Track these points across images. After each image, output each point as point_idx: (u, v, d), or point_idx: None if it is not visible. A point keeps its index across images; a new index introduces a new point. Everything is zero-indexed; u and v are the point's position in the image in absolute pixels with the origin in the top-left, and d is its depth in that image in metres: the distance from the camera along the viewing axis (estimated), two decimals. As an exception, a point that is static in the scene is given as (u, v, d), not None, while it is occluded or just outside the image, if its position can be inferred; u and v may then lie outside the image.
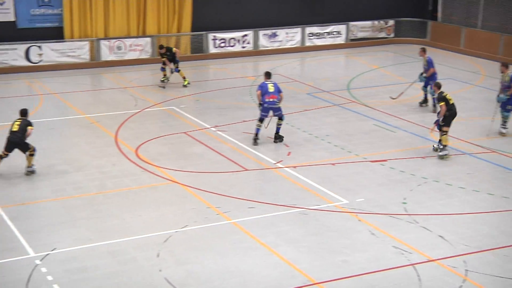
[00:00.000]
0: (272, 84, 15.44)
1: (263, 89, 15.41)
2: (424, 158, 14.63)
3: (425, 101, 18.62)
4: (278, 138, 15.67)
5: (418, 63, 24.17)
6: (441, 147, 14.53)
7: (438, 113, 14.53)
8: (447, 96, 14.42)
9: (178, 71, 20.56)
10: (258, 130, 15.47)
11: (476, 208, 12.07)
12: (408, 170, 13.94)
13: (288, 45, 26.30)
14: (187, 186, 13.09)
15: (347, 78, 22.13)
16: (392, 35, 27.76)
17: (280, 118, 15.55)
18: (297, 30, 26.37)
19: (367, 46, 27.12)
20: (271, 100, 15.32)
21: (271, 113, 15.50)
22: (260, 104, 15.41)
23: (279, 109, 15.44)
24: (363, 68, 23.59)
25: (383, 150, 15.19)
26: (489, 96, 19.31)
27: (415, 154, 14.87)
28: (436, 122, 14.50)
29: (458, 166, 14.13)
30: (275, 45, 26.05)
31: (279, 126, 15.63)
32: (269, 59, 24.92)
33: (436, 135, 15.82)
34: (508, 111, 16.12)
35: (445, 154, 14.38)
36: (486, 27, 25.47)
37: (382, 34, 27.66)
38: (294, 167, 14.13)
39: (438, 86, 14.93)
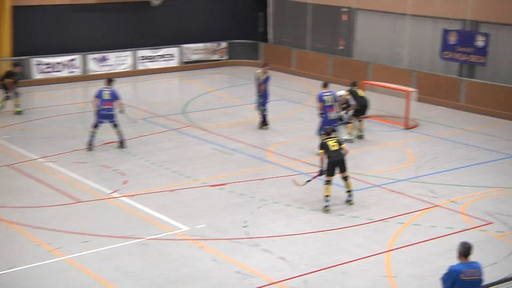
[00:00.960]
0: (108, 92, 15.74)
1: (99, 96, 15.97)
2: (262, 180, 14.96)
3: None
4: (121, 145, 16.39)
5: (252, 85, 24.89)
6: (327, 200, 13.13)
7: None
8: (329, 143, 13.11)
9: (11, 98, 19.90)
10: (92, 137, 15.97)
11: (316, 227, 12.52)
12: (248, 192, 14.17)
13: (120, 69, 25.92)
14: (13, 223, 12.31)
15: (182, 102, 22.19)
16: (225, 57, 28.33)
17: (115, 125, 16.10)
18: (128, 54, 26.08)
19: (201, 69, 27.43)
20: (106, 107, 15.85)
21: (106, 120, 16.14)
22: (98, 111, 15.95)
23: (113, 116, 16.04)
24: (198, 91, 23.78)
25: (222, 173, 15.34)
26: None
27: (254, 176, 15.17)
28: (320, 173, 13.24)
29: (296, 186, 14.61)
30: (106, 69, 25.56)
31: (118, 134, 16.40)
32: (99, 84, 24.31)
33: (273, 157, 16.29)
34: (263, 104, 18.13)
35: (326, 206, 13.11)
36: (315, 48, 26.87)
37: (216, 56, 28.15)
38: (131, 196, 13.83)
39: (327, 132, 13.41)
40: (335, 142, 13.22)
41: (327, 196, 13.15)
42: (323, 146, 13.12)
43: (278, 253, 11.42)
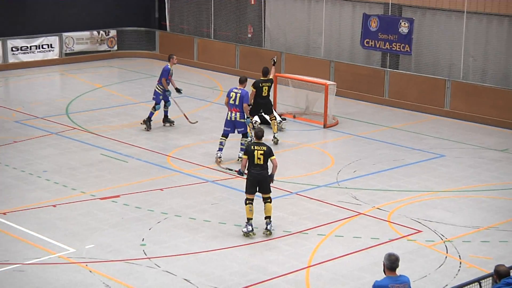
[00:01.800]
0: None
1: None
2: (162, 190, 14.89)
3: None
4: None
5: (148, 79, 24.73)
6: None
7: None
8: (256, 152, 12.60)
9: None
10: None
11: (225, 242, 12.57)
12: (145, 205, 14.06)
13: (-14, 62, 25.15)
14: None
15: (65, 101, 21.78)
16: (115, 47, 28.02)
17: None
18: (-3, 44, 25.34)
19: (86, 62, 27.01)
20: None
21: None
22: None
23: None
24: (84, 88, 23.43)
25: (114, 184, 15.16)
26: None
27: (152, 186, 15.08)
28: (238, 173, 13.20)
29: (202, 196, 14.63)
30: (-31, 63, 24.73)
31: None
32: (-37, 80, 23.55)
33: (175, 163, 16.26)
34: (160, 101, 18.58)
35: (247, 232, 12.71)
36: (220, 37, 26.99)
37: (104, 47, 27.79)
38: (4, 213, 13.45)
39: (257, 135, 12.79)
40: (262, 152, 12.54)
41: (249, 219, 12.72)
42: (248, 152, 12.58)
43: (182, 275, 11.39)
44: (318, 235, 12.96)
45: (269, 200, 12.80)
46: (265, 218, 12.88)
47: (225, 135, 16.47)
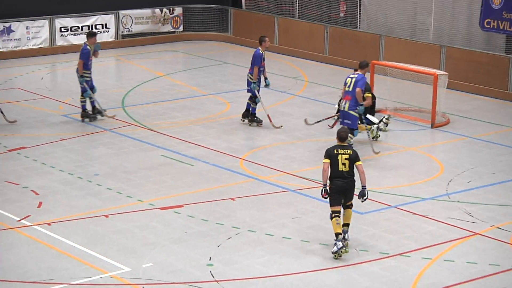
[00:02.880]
0: None
1: None
2: (234, 200, 14.97)
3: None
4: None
5: (219, 67, 24.92)
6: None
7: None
8: (340, 156, 12.67)
9: None
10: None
11: (308, 265, 12.55)
12: (213, 217, 14.17)
13: (31, 45, 25.75)
14: None
15: (120, 92, 22.15)
16: (180, 28, 28.36)
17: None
18: (43, 23, 25.94)
19: (146, 45, 27.42)
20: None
21: None
22: None
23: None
24: (143, 76, 23.77)
25: (177, 191, 15.32)
26: (316, 110, 20.38)
27: (222, 195, 15.18)
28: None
29: (281, 208, 14.65)
30: (11, 46, 25.37)
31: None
32: (0, 66, 24.21)
33: (249, 167, 16.36)
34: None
35: (336, 251, 12.63)
36: (306, 16, 26.97)
37: (167, 28, 28.15)
38: (48, 224, 13.75)
39: (340, 136, 12.84)
40: (348, 157, 12.66)
41: (338, 234, 12.66)
42: (331, 156, 12.65)
43: (256, 302, 11.44)
44: (423, 258, 12.82)
45: (350, 206, 12.97)
46: (343, 225, 12.90)
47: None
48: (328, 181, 12.72)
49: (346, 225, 12.98)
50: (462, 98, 21.90)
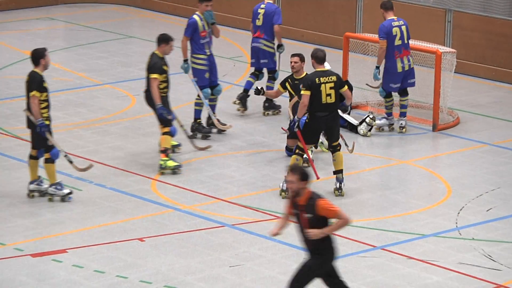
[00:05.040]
0: None
1: None
2: (143, 241, 14.88)
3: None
4: None
5: (120, 42, 24.79)
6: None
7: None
8: (323, 85, 15.69)
9: None
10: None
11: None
12: (113, 268, 14.11)
13: None
14: None
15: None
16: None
17: None
18: None
19: (9, 11, 27.25)
20: None
21: None
22: None
23: None
24: (4, 58, 23.87)
25: (58, 229, 15.24)
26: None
27: (125, 234, 15.10)
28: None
29: (214, 252, 14.60)
30: None
31: None
32: None
33: (164, 191, 16.28)
34: None
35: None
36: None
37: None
38: None
39: (319, 59, 16.23)
40: (332, 85, 15.01)
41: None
42: (312, 87, 15.35)
43: None
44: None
45: (338, 148, 15.72)
46: (336, 173, 14.94)
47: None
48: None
49: (339, 171, 15.07)
50: (477, 87, 22.11)
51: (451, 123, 19.87)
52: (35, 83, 15.86)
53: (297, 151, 15.96)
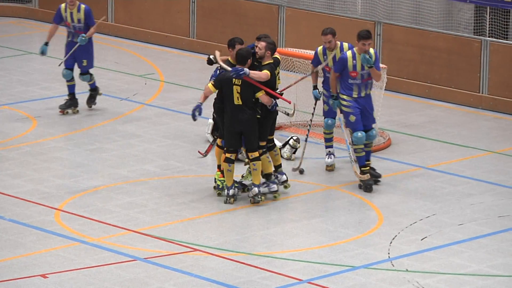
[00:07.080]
0: None
1: None
2: (46, 278, 14.79)
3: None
4: None
5: (18, 59, 24.65)
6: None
7: None
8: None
9: None
10: None
11: None
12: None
13: None
14: None
15: None
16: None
17: None
18: None
19: None
20: None
21: None
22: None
23: None
24: None
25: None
26: (179, 127, 20.31)
27: (25, 270, 15.00)
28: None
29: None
30: None
31: None
32: None
33: (68, 222, 16.23)
34: None
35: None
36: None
37: None
38: None
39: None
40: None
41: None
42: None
43: None
44: None
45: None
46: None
47: None
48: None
49: (269, 174, 16.58)
50: (410, 106, 22.24)
51: (382, 145, 20.02)
52: None
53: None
